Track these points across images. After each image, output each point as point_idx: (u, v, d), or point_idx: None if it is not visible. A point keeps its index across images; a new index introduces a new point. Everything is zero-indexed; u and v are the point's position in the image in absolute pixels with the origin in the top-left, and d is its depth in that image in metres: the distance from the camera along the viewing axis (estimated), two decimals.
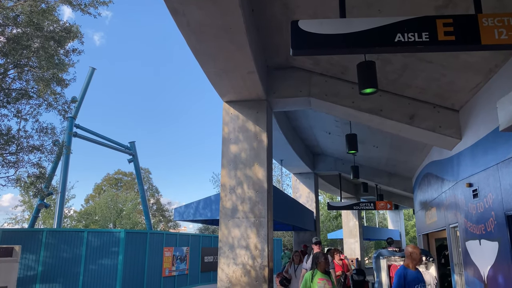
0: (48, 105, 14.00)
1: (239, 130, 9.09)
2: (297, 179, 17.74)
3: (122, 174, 51.57)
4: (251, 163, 8.84)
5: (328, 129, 13.42)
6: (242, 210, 8.64)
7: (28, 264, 13.90)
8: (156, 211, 48.19)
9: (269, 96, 9.15)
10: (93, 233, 15.14)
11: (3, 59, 12.58)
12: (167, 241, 17.50)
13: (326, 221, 38.64)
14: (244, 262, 8.33)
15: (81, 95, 25.42)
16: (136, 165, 30.11)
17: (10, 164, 13.47)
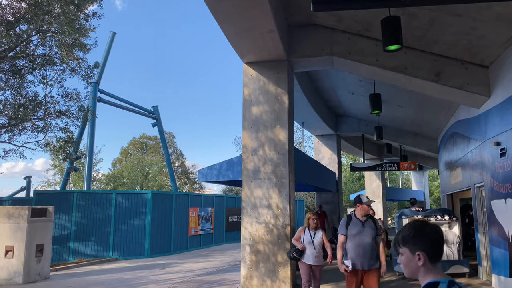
0: (72, 70, 14.19)
1: (259, 91, 9.02)
2: (319, 141, 17.67)
3: (147, 138, 52.57)
4: (272, 125, 8.83)
5: (351, 89, 13.15)
6: (264, 171, 8.73)
7: (63, 224, 14.63)
8: (181, 173, 49.31)
9: (290, 56, 8.97)
10: (122, 195, 15.70)
11: (26, 26, 12.70)
12: (192, 202, 17.99)
13: (348, 182, 38.71)
14: (266, 221, 8.51)
15: (103, 60, 25.60)
16: (160, 129, 30.56)
17: (39, 129, 13.90)
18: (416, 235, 1.74)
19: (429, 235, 1.73)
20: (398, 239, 1.81)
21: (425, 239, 1.72)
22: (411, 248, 1.74)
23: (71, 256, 14.45)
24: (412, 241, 1.74)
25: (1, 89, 13.38)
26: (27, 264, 10.18)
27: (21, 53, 12.96)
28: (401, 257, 1.77)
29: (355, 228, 5.24)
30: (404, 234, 1.78)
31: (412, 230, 1.76)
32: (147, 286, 9.24)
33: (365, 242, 5.17)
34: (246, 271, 8.40)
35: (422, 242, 1.72)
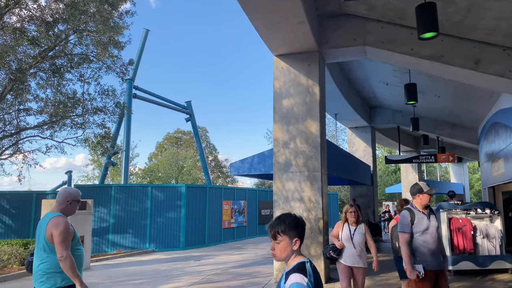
0: (107, 68, 14.61)
1: (290, 84, 8.95)
2: (353, 133, 17.36)
3: (181, 133, 53.55)
4: (304, 118, 8.74)
5: (385, 80, 12.80)
6: (296, 165, 8.68)
7: (102, 216, 15.18)
8: (215, 167, 49.94)
9: (321, 47, 8.83)
10: (157, 188, 16.10)
11: (64, 26, 13.17)
12: (225, 195, 18.19)
13: (384, 175, 37.90)
14: (299, 214, 8.45)
15: (137, 57, 26.17)
16: (193, 124, 30.98)
17: (78, 126, 14.44)
18: (295, 225, 2.13)
19: (302, 225, 2.16)
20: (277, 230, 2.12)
21: (300, 228, 2.14)
22: (291, 236, 2.11)
23: (110, 248, 14.99)
24: (293, 230, 2.11)
25: (42, 88, 13.98)
26: None
27: (60, 53, 13.47)
28: (278, 245, 2.10)
29: (421, 223, 4.36)
30: (285, 225, 2.12)
31: (292, 222, 2.14)
32: (183, 277, 9.44)
33: (435, 238, 4.37)
34: (279, 264, 8.41)
35: (298, 231, 2.13)
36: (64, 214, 3.59)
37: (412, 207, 4.46)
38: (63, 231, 3.40)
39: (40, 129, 14.07)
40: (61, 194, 3.69)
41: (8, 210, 15.18)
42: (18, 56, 12.31)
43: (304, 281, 1.96)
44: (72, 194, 3.69)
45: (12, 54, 11.66)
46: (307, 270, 2.03)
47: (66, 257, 3.36)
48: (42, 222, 3.55)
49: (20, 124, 13.89)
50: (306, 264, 2.08)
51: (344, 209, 5.66)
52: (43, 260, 3.45)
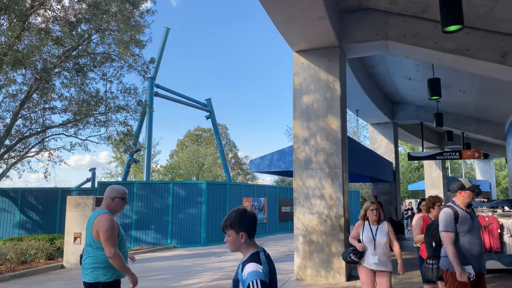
0: (129, 66, 14.81)
1: (310, 80, 8.87)
2: (375, 130, 17.11)
3: (202, 130, 53.94)
4: (324, 114, 8.65)
5: (408, 75, 12.55)
6: (316, 161, 8.60)
7: (124, 212, 15.44)
8: (235, 164, 50.12)
9: (341, 42, 8.71)
10: (178, 185, 16.27)
11: (87, 25, 13.41)
12: (245, 192, 18.23)
13: (406, 172, 37.25)
14: (319, 211, 8.41)
15: (158, 55, 26.46)
16: (213, 121, 31.14)
17: (101, 124, 14.70)
18: (239, 220, 2.28)
19: (248, 219, 2.31)
20: (226, 224, 2.30)
21: (245, 222, 2.29)
22: (236, 230, 2.28)
23: (132, 243, 15.24)
24: (237, 225, 2.27)
25: (66, 87, 14.29)
26: None
27: (83, 52, 13.72)
28: (229, 238, 2.29)
29: (466, 222, 4.02)
30: (231, 220, 2.29)
31: (236, 217, 2.29)
32: (204, 273, 9.52)
33: (479, 238, 4.05)
34: (300, 261, 8.38)
35: (243, 225, 2.28)
36: (109, 211, 3.65)
37: (455, 205, 4.15)
38: (108, 229, 3.47)
39: (64, 127, 14.40)
40: (107, 190, 3.76)
41: (35, 206, 15.62)
42: (43, 56, 12.60)
43: (260, 269, 2.16)
44: (116, 191, 3.73)
45: (37, 54, 11.94)
46: (261, 259, 2.23)
47: (115, 253, 3.45)
48: (91, 218, 3.66)
49: (46, 123, 14.25)
50: (260, 253, 2.29)
51: (364, 206, 5.12)
52: (89, 255, 3.56)
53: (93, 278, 3.50)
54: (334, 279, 8.08)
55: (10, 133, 13.35)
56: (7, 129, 13.25)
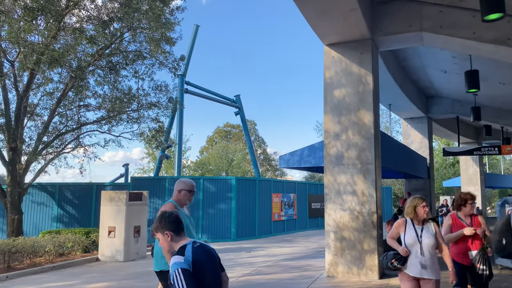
0: (160, 64, 15.03)
1: (342, 73, 8.70)
2: (408, 125, 16.65)
3: (231, 126, 54.26)
4: (356, 108, 8.47)
5: (444, 67, 12.11)
6: (348, 157, 8.44)
7: (156, 207, 15.73)
8: (264, 160, 50.17)
9: (374, 34, 8.49)
10: (209, 180, 16.42)
11: (119, 24, 13.70)
12: (274, 187, 18.19)
13: (441, 168, 36.13)
14: (351, 208, 8.25)
15: (188, 52, 26.73)
16: (242, 117, 31.21)
17: (134, 120, 15.01)
18: (160, 222, 2.52)
19: (168, 219, 2.52)
20: (153, 231, 2.54)
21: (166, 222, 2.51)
22: (162, 232, 2.51)
23: None
24: (160, 227, 2.51)
25: (100, 85, 14.67)
26: (127, 244, 11.13)
27: (116, 50, 14.02)
28: (159, 241, 2.51)
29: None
30: (155, 225, 2.53)
31: (158, 221, 2.53)
32: (235, 268, 9.56)
33: None
34: (331, 258, 8.27)
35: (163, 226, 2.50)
36: (176, 202, 3.77)
37: None
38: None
39: (98, 124, 14.80)
40: (176, 183, 3.90)
41: (72, 201, 16.16)
42: (78, 55, 12.97)
43: (181, 259, 2.36)
44: (182, 184, 3.85)
45: (72, 53, 12.30)
46: (186, 251, 2.42)
47: None
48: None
49: (81, 120, 14.69)
50: (187, 246, 2.46)
51: (412, 202, 4.22)
52: (157, 243, 3.61)
53: (159, 267, 3.61)
54: (367, 277, 7.92)
55: (47, 130, 13.85)
56: (45, 126, 13.75)
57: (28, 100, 13.32)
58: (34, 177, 14.35)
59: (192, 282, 2.29)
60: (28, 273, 9.38)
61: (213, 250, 2.64)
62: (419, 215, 4.17)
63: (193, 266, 2.36)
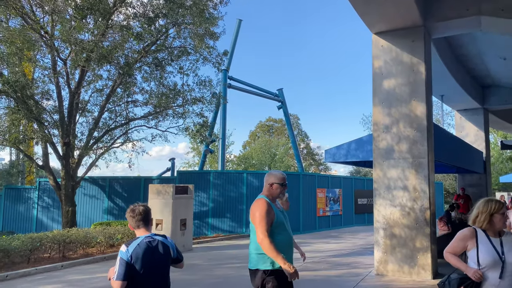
0: (204, 59, 15.14)
1: (392, 63, 8.29)
2: (462, 117, 15.74)
3: (273, 120, 54.12)
4: (408, 99, 8.05)
5: (503, 54, 11.27)
6: (399, 150, 8.05)
7: (202, 201, 15.95)
8: (307, 155, 49.65)
9: (426, 20, 8.01)
10: (252, 174, 16.40)
11: (164, 20, 13.91)
12: (319, 182, 17.87)
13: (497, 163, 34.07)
14: (402, 203, 7.87)
15: (231, 47, 26.81)
16: (285, 111, 30.96)
17: (179, 115, 15.26)
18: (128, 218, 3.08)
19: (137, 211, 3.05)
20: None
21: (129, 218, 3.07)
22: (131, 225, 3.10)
23: (209, 231, 15.71)
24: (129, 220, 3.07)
25: (146, 81, 15.01)
26: (174, 236, 11.32)
27: (161, 47, 14.27)
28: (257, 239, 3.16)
29: None
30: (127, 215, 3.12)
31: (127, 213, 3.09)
32: None
33: None
34: (381, 255, 7.94)
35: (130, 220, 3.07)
36: (268, 197, 3.53)
37: None
38: (260, 213, 3.34)
39: (146, 119, 15.18)
40: (266, 176, 3.65)
41: (121, 194, 16.73)
42: (125, 52, 13.32)
43: (124, 249, 2.89)
44: (273, 177, 3.60)
45: (120, 50, 12.63)
46: (134, 242, 2.95)
47: (263, 238, 3.26)
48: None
49: (129, 115, 15.13)
50: (138, 239, 2.99)
51: (485, 206, 3.11)
52: (251, 241, 3.49)
53: (253, 265, 3.40)
54: (419, 276, 7.54)
55: (98, 125, 14.38)
56: (95, 121, 14.28)
57: (79, 97, 13.87)
58: (86, 171, 14.97)
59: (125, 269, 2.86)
60: (81, 263, 9.78)
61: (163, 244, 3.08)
62: (496, 225, 3.07)
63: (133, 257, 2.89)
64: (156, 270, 2.96)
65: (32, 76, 14.11)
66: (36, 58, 13.37)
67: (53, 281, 7.95)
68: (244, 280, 7.66)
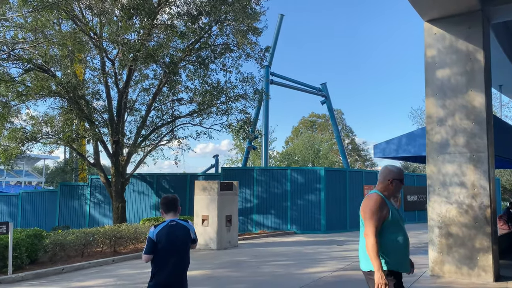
0: (247, 55, 15.11)
1: (446, 52, 7.80)
2: None
3: (316, 116, 53.45)
4: (464, 89, 7.54)
5: None
6: (454, 144, 7.57)
7: (246, 197, 15.96)
8: (352, 150, 48.61)
9: (484, 4, 7.45)
10: (296, 171, 16.19)
11: (207, 18, 14.00)
12: (366, 179, 17.35)
13: None
14: (459, 201, 7.40)
15: (273, 42, 26.66)
16: (329, 106, 30.41)
17: (222, 112, 15.35)
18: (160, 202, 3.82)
19: (162, 200, 3.78)
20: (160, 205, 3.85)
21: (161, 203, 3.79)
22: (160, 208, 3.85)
23: (254, 227, 15.69)
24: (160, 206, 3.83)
25: (191, 79, 15.20)
26: (219, 232, 11.38)
27: (204, 44, 14.38)
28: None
29: None
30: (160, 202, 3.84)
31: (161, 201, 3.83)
32: (328, 262, 9.23)
33: None
34: (436, 255, 7.52)
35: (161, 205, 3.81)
36: (383, 193, 3.30)
37: None
38: (370, 209, 3.16)
39: (190, 117, 15.39)
40: (382, 171, 3.41)
41: (168, 190, 17.09)
42: (170, 51, 13.53)
43: (152, 229, 3.66)
44: (393, 172, 3.35)
45: (165, 49, 12.84)
46: (160, 225, 3.69)
47: (369, 235, 3.10)
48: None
49: (175, 113, 15.40)
50: (163, 223, 3.71)
51: None
52: (360, 238, 3.33)
53: (364, 267, 3.21)
54: (479, 278, 7.05)
55: (145, 123, 14.75)
56: (143, 120, 14.65)
57: (127, 96, 14.28)
58: (135, 168, 15.42)
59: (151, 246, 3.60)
60: (131, 257, 10.04)
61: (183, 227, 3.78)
62: None
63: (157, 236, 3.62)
64: (174, 247, 3.64)
65: (83, 77, 14.70)
66: (86, 59, 13.90)
67: (105, 275, 8.20)
68: (293, 279, 7.53)
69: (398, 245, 3.18)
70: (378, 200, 3.17)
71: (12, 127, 13.73)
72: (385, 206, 3.19)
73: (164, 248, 3.59)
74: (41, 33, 10.94)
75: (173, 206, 3.77)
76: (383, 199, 3.22)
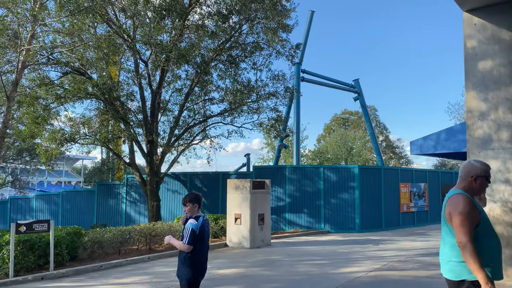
0: (277, 53, 15.01)
1: (487, 42, 7.41)
2: None
3: (348, 113, 52.54)
4: (508, 82, 7.13)
5: None
6: (498, 140, 7.18)
7: (278, 196, 15.88)
8: (386, 148, 47.48)
9: None
10: (329, 169, 15.96)
11: (237, 17, 14.01)
12: (402, 176, 16.87)
13: None
14: (504, 199, 7.01)
15: (304, 39, 26.40)
16: (362, 102, 29.80)
17: (253, 111, 15.34)
18: (194, 197, 4.26)
19: (198, 197, 4.30)
20: (187, 200, 4.26)
21: (197, 199, 4.28)
22: (193, 203, 4.23)
23: (287, 226, 15.59)
24: (193, 200, 4.24)
25: (222, 79, 15.28)
26: (252, 231, 11.37)
27: (235, 43, 14.39)
28: (187, 208, 4.24)
29: None
30: (190, 197, 4.25)
31: (193, 195, 4.28)
32: (363, 261, 9.01)
33: None
34: None
35: (196, 201, 4.26)
36: (467, 192, 2.97)
37: None
38: (462, 212, 2.80)
39: (222, 116, 15.46)
40: (464, 167, 3.08)
41: (201, 189, 17.28)
42: (201, 51, 13.64)
43: (194, 222, 4.12)
44: (478, 168, 2.99)
45: (196, 49, 12.95)
46: (199, 219, 4.17)
47: (465, 244, 2.73)
48: (445, 199, 3.09)
49: (206, 113, 15.53)
50: (199, 217, 4.20)
51: None
52: (445, 244, 3.00)
53: (456, 275, 2.85)
54: None
55: (178, 123, 14.95)
56: (176, 120, 14.85)
57: (160, 96, 14.52)
58: (169, 167, 15.67)
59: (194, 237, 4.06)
60: (165, 255, 10.20)
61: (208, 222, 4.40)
62: None
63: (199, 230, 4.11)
64: (207, 240, 4.29)
65: (118, 79, 15.07)
66: (120, 61, 14.24)
67: (141, 273, 8.36)
68: (328, 279, 7.40)
69: (494, 252, 2.86)
70: (466, 201, 2.83)
71: (52, 129, 14.27)
72: (474, 208, 2.86)
73: (202, 238, 4.15)
74: (77, 37, 11.28)
75: (201, 202, 4.44)
76: (471, 199, 2.89)
